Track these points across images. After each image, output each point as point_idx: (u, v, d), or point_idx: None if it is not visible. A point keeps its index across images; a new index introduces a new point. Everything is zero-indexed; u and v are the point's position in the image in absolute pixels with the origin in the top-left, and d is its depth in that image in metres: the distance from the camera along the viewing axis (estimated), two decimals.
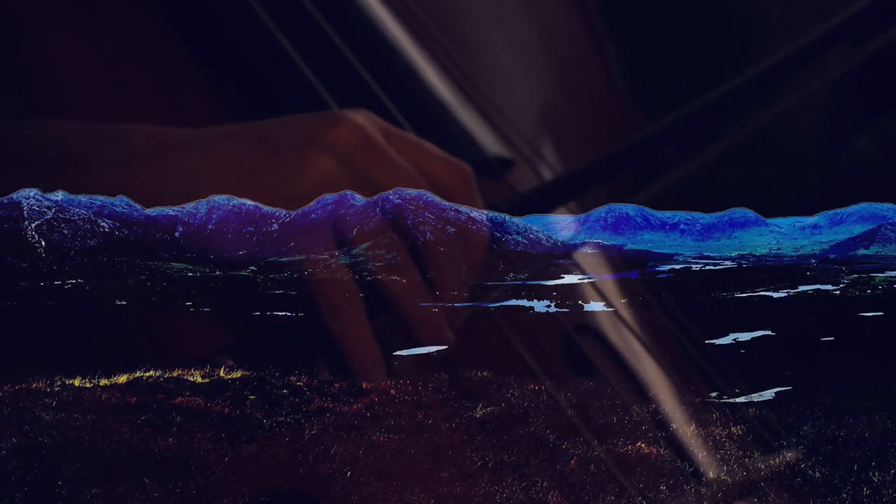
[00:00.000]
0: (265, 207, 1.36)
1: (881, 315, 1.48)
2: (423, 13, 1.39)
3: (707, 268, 1.46)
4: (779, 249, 1.52)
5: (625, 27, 1.59)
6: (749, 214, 1.56)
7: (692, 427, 1.44)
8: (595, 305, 1.44)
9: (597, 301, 1.44)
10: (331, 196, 1.38)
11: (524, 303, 1.41)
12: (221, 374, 1.47)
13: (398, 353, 1.41)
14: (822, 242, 1.51)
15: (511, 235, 1.41)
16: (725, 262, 1.49)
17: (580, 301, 1.43)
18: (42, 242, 1.31)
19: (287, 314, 1.37)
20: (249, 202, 1.36)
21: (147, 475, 1.40)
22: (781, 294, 1.47)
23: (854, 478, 1.42)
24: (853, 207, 1.54)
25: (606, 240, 1.50)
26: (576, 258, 1.44)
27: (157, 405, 1.46)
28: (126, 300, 1.34)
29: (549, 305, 1.42)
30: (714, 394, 1.44)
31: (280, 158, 1.32)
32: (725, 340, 1.47)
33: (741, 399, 1.44)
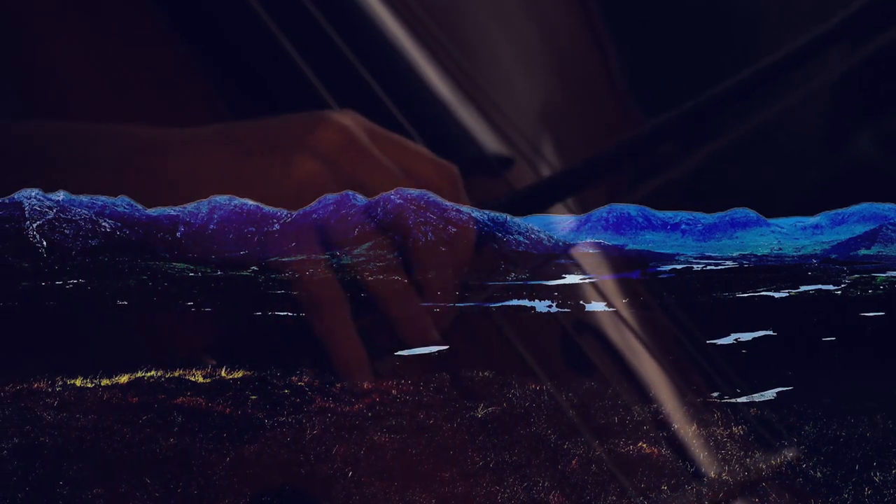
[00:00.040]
0: (266, 207, 1.35)
1: (882, 315, 1.48)
2: (423, 12, 1.39)
3: (708, 268, 1.46)
4: (780, 249, 1.51)
5: (625, 26, 1.59)
6: (750, 214, 1.55)
7: (693, 427, 1.44)
8: (596, 305, 1.43)
9: (598, 301, 1.43)
10: (332, 196, 1.37)
11: (526, 302, 1.41)
12: (223, 375, 1.47)
13: (399, 353, 1.40)
14: (824, 242, 1.51)
15: (513, 235, 1.41)
16: (727, 262, 1.49)
17: (582, 301, 1.43)
18: (43, 242, 1.31)
19: (288, 314, 1.37)
20: (251, 202, 1.36)
21: (148, 475, 1.39)
22: (783, 294, 1.46)
23: (855, 478, 1.42)
24: (854, 207, 1.54)
25: (608, 240, 1.50)
26: (577, 258, 1.44)
27: (159, 405, 1.46)
28: (127, 300, 1.33)
29: (551, 305, 1.42)
30: (715, 394, 1.43)
31: (264, 159, 1.32)
32: (727, 340, 1.47)
33: (743, 399, 1.44)
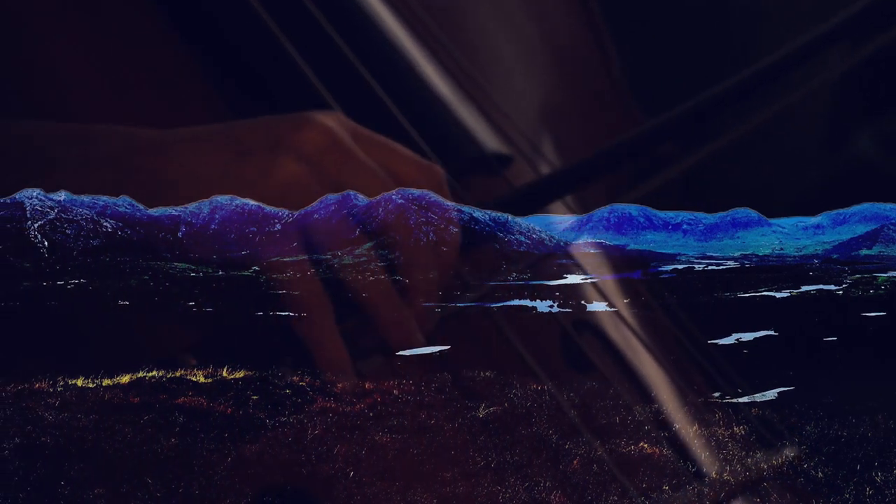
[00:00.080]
0: (268, 207, 1.35)
1: (884, 315, 1.48)
2: (423, 11, 1.39)
3: (710, 268, 1.46)
4: (781, 249, 1.52)
5: (625, 25, 1.59)
6: (752, 214, 1.56)
7: (695, 427, 1.44)
8: (598, 305, 1.44)
9: (599, 301, 1.44)
10: (333, 196, 1.37)
11: (527, 302, 1.41)
12: (224, 374, 1.47)
13: (400, 354, 1.41)
14: (825, 242, 1.51)
15: (514, 235, 1.41)
16: (728, 263, 1.49)
17: (583, 301, 1.43)
18: (45, 242, 1.31)
19: (290, 314, 1.37)
20: (252, 202, 1.36)
21: (150, 475, 1.39)
22: (784, 294, 1.46)
23: (857, 478, 1.42)
24: (856, 207, 1.54)
25: (609, 240, 1.50)
26: (578, 258, 1.44)
27: (160, 405, 1.46)
28: (129, 300, 1.33)
29: (552, 305, 1.42)
30: (717, 394, 1.44)
31: (247, 161, 1.32)
32: (728, 340, 1.47)
33: (744, 399, 1.44)
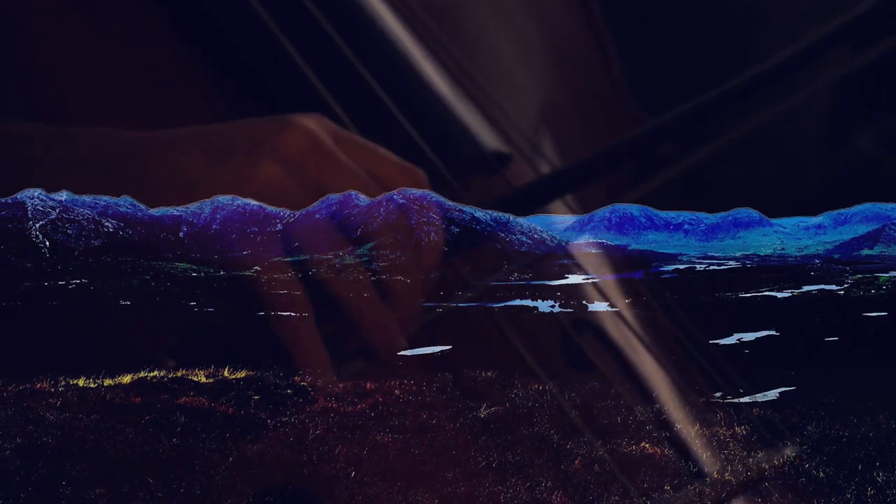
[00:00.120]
0: (269, 208, 1.35)
1: (885, 315, 1.48)
2: (423, 11, 1.39)
3: (711, 268, 1.46)
4: (783, 249, 1.51)
5: (626, 25, 1.58)
6: (753, 214, 1.55)
7: (696, 427, 1.44)
8: (599, 305, 1.43)
9: (601, 301, 1.43)
10: (335, 196, 1.37)
11: (528, 302, 1.41)
12: (225, 374, 1.47)
13: (402, 354, 1.40)
14: (827, 242, 1.51)
15: (515, 235, 1.40)
16: (729, 263, 1.49)
17: (584, 301, 1.43)
18: (46, 242, 1.30)
19: (291, 314, 1.37)
20: (254, 202, 1.36)
21: (151, 475, 1.39)
22: (785, 294, 1.46)
23: (858, 477, 1.42)
24: (857, 207, 1.54)
25: (611, 240, 1.50)
26: (580, 258, 1.44)
27: (162, 405, 1.46)
28: (130, 300, 1.33)
29: (554, 305, 1.42)
30: (718, 394, 1.43)
31: (227, 163, 1.32)
32: (730, 340, 1.47)
33: (745, 399, 1.44)
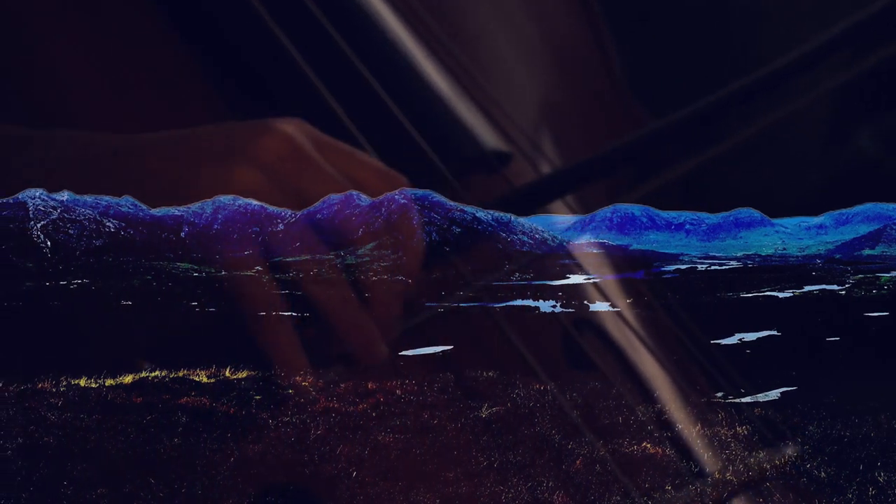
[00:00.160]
0: (270, 207, 1.36)
1: (886, 315, 1.48)
2: (423, 9, 1.39)
3: (712, 268, 1.47)
4: (784, 249, 1.52)
5: (626, 24, 1.59)
6: (755, 214, 1.56)
7: (697, 427, 1.44)
8: (600, 305, 1.44)
9: (602, 301, 1.44)
10: (336, 196, 1.37)
11: (530, 302, 1.41)
12: (227, 374, 1.47)
13: (403, 353, 1.41)
14: (828, 242, 1.52)
15: (516, 235, 1.41)
16: (731, 263, 1.49)
17: (585, 301, 1.43)
18: (47, 242, 1.31)
19: (292, 314, 1.37)
20: (255, 202, 1.36)
21: (153, 475, 1.39)
22: (787, 294, 1.47)
23: (859, 478, 1.42)
24: (858, 207, 1.54)
25: (612, 240, 1.50)
26: (581, 258, 1.44)
27: (163, 405, 1.46)
28: (132, 300, 1.34)
29: (555, 305, 1.42)
30: (720, 394, 1.44)
31: (205, 168, 1.33)
32: (731, 340, 1.47)
33: (747, 399, 1.44)
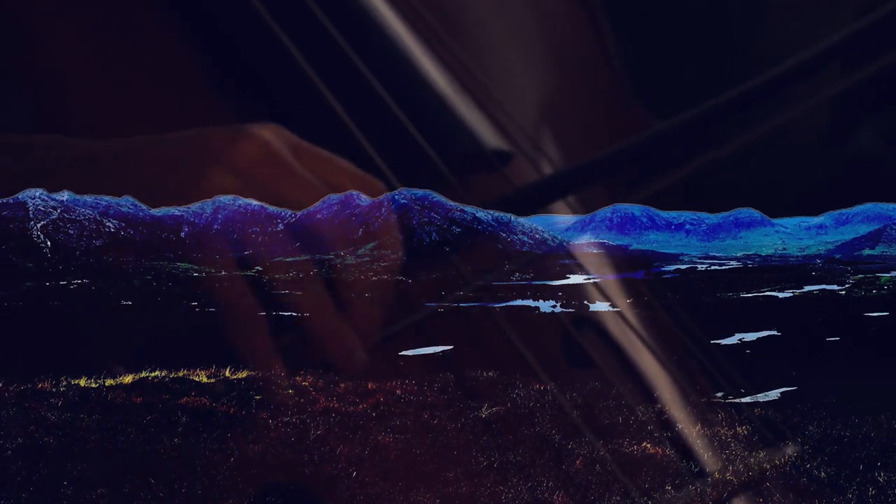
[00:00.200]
0: (270, 208, 1.35)
1: (887, 315, 1.48)
2: (424, 8, 1.38)
3: (713, 268, 1.46)
4: (784, 249, 1.52)
5: (627, 24, 1.58)
6: (755, 214, 1.56)
7: (698, 427, 1.44)
8: (601, 305, 1.43)
9: (602, 301, 1.43)
10: (336, 196, 1.37)
11: (530, 302, 1.41)
12: (227, 375, 1.47)
13: (403, 353, 1.40)
14: (828, 242, 1.51)
15: (517, 235, 1.40)
16: (731, 263, 1.49)
17: (586, 301, 1.43)
18: (47, 242, 1.31)
19: (293, 314, 1.36)
20: (255, 202, 1.36)
21: (153, 475, 1.39)
22: (787, 294, 1.47)
23: (859, 478, 1.42)
24: (859, 207, 1.54)
25: (612, 240, 1.50)
26: (581, 258, 1.44)
27: (163, 405, 1.46)
28: (132, 300, 1.33)
29: (555, 305, 1.41)
30: (720, 394, 1.43)
31: (180, 173, 1.32)
32: (731, 341, 1.47)
33: (747, 399, 1.44)
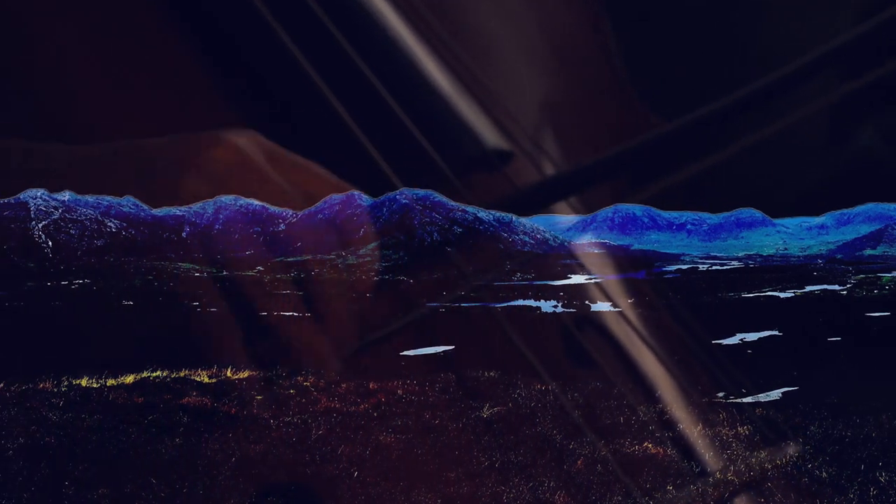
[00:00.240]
0: (272, 208, 1.40)
1: (888, 315, 1.53)
2: (426, 8, 1.49)
3: (714, 268, 1.53)
4: (786, 249, 1.58)
5: (629, 23, 1.64)
6: (756, 215, 1.62)
7: (699, 427, 1.45)
8: (602, 305, 1.48)
9: (604, 301, 1.48)
10: (338, 196, 1.42)
11: (531, 302, 1.45)
12: (228, 375, 1.49)
13: (404, 353, 1.45)
14: (829, 242, 1.58)
15: (518, 235, 1.46)
16: (732, 263, 1.56)
17: (587, 301, 1.48)
18: (49, 242, 1.35)
19: (294, 314, 1.41)
20: (256, 202, 1.41)
21: (154, 475, 1.40)
22: (788, 294, 1.53)
23: (861, 478, 1.43)
24: (860, 208, 1.61)
25: (613, 240, 1.56)
26: (582, 258, 1.50)
27: (165, 405, 1.47)
28: (133, 300, 1.37)
29: (556, 305, 1.46)
30: (721, 394, 1.47)
31: (155, 179, 1.44)
32: (732, 341, 1.53)
33: (748, 399, 1.47)
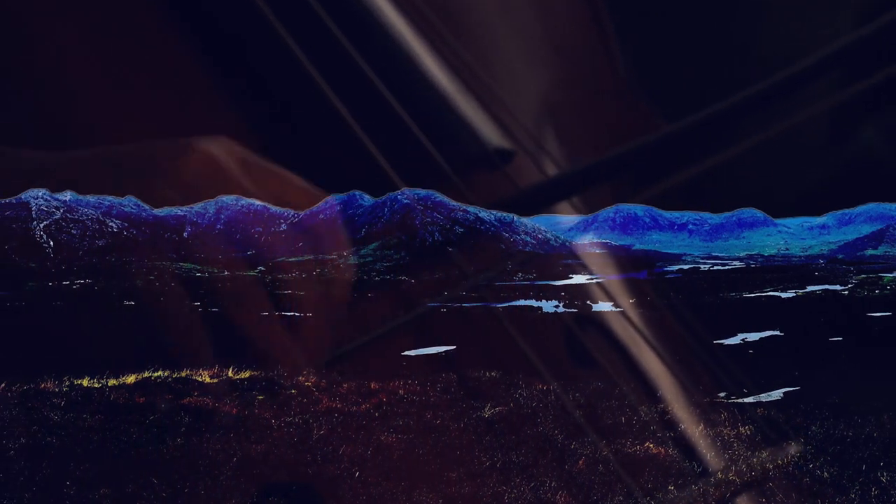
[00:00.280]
0: (273, 208, 1.39)
1: (889, 315, 1.53)
2: (427, 8, 1.46)
3: (715, 268, 1.53)
4: (787, 249, 1.57)
5: (633, 25, 1.63)
6: (757, 215, 1.62)
7: (700, 427, 1.45)
8: (603, 305, 1.48)
9: (605, 301, 1.48)
10: (339, 196, 1.41)
11: (533, 302, 1.45)
12: (230, 375, 1.49)
13: (406, 353, 1.44)
14: (831, 242, 1.58)
15: (519, 235, 1.45)
16: (734, 263, 1.55)
17: (588, 301, 1.48)
18: (50, 242, 1.35)
19: (295, 314, 1.40)
20: (258, 202, 1.40)
21: (155, 475, 1.40)
22: (790, 294, 1.52)
23: (862, 477, 1.43)
24: (861, 208, 1.61)
25: (615, 240, 1.55)
26: (584, 258, 1.49)
27: (166, 405, 1.47)
28: (134, 300, 1.37)
29: (558, 305, 1.46)
30: (722, 394, 1.47)
31: (133, 184, 1.44)
32: (734, 341, 1.53)
33: (749, 399, 1.47)
